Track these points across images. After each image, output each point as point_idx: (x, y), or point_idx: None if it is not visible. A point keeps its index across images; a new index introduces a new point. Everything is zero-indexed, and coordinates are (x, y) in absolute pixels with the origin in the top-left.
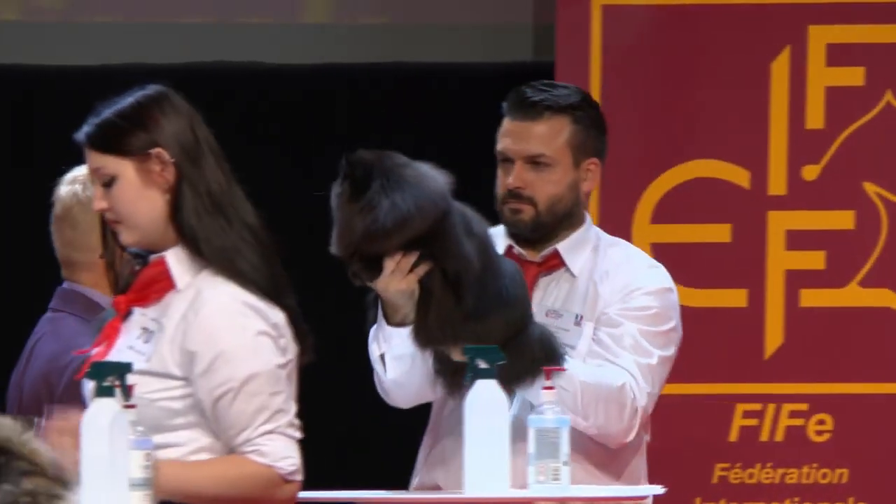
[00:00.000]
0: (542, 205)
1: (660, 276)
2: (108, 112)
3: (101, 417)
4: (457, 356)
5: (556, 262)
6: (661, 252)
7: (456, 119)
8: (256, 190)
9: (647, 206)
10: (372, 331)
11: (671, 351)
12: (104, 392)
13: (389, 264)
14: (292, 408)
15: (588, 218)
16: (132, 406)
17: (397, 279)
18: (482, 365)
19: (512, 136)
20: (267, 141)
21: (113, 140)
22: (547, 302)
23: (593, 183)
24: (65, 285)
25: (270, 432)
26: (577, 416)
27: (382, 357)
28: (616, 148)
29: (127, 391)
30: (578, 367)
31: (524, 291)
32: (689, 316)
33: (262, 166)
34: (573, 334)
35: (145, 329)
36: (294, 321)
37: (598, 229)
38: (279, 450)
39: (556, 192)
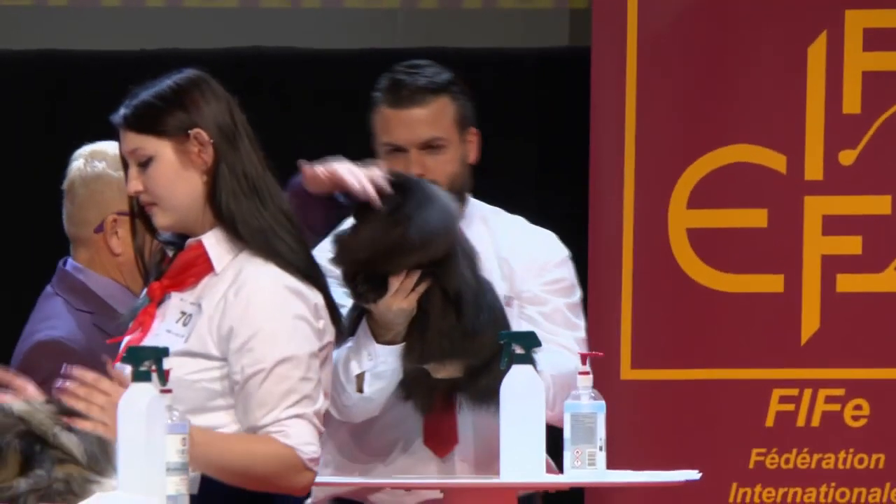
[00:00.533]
0: (444, 187)
1: (560, 245)
2: (145, 94)
3: (137, 402)
4: (441, 374)
5: None
6: (698, 237)
7: (492, 105)
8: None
9: (684, 192)
10: (346, 349)
11: (584, 320)
12: (141, 377)
13: (395, 283)
14: (321, 397)
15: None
16: (168, 391)
17: (400, 298)
18: (518, 350)
19: (401, 125)
20: (302, 127)
21: (151, 120)
22: None
23: (476, 152)
24: (66, 265)
25: (298, 416)
26: (547, 409)
27: (359, 375)
28: (652, 133)
29: (163, 376)
30: (542, 360)
31: (502, 304)
32: (726, 301)
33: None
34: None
35: (184, 313)
36: (329, 304)
37: (474, 199)
38: (304, 434)
39: (454, 170)
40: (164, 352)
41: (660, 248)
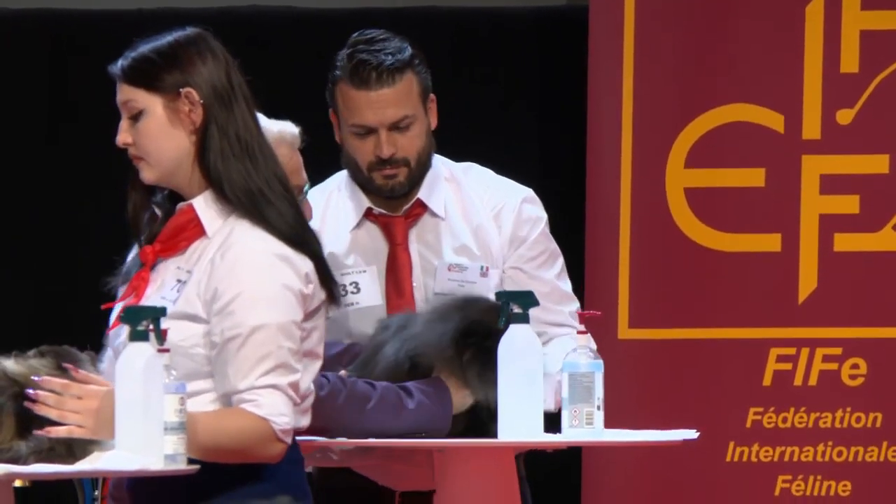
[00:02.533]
0: (413, 161)
1: (538, 206)
2: (145, 47)
3: (135, 361)
4: None
5: (419, 210)
6: (695, 197)
7: (489, 64)
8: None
9: (681, 151)
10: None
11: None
12: (138, 336)
13: None
14: (299, 369)
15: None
16: (166, 350)
17: None
18: (516, 310)
19: (370, 107)
20: (300, 87)
21: (145, 74)
22: (424, 250)
23: (436, 117)
24: None
25: (272, 387)
26: (553, 406)
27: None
28: (650, 93)
29: (161, 335)
30: (552, 364)
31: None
32: (723, 260)
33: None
34: (480, 286)
35: (179, 280)
36: (320, 268)
37: (440, 157)
38: (277, 405)
39: (422, 143)
40: (161, 311)
41: (657, 208)
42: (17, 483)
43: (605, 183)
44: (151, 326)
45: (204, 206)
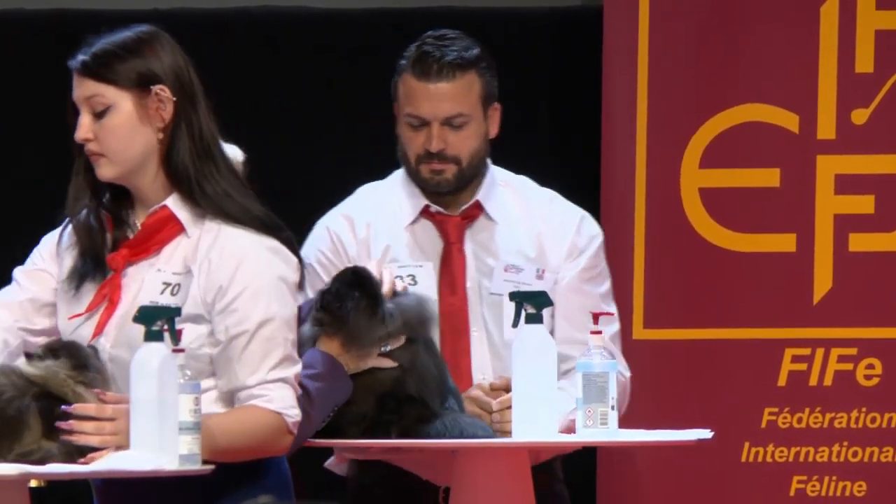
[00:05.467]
0: (464, 160)
1: (593, 226)
2: (107, 42)
3: (150, 361)
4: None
5: (476, 211)
6: (710, 197)
7: (503, 64)
8: (304, 136)
9: (696, 151)
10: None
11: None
12: (153, 336)
13: None
14: (299, 360)
15: (487, 160)
16: (181, 350)
17: None
18: (530, 310)
19: (426, 99)
20: (313, 86)
21: (113, 69)
22: (479, 250)
23: (497, 126)
24: None
25: (281, 381)
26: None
27: None
28: (665, 92)
29: (175, 335)
30: (564, 401)
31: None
32: (738, 261)
33: (308, 111)
34: (535, 288)
35: (167, 283)
36: (294, 251)
37: (496, 167)
38: (287, 398)
39: (475, 145)
40: (176, 311)
41: (672, 208)
42: (33, 483)
43: (619, 183)
44: (166, 326)
45: (178, 206)
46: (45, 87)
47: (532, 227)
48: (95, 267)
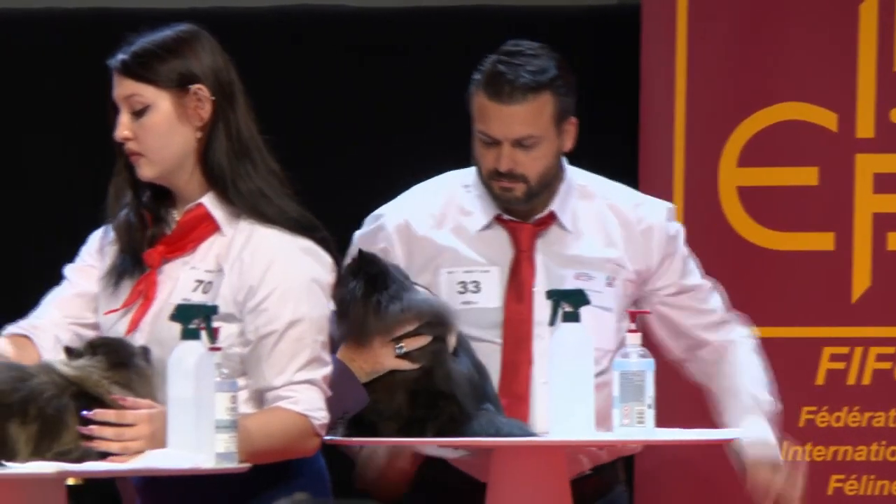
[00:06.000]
0: (533, 180)
1: (675, 223)
2: (146, 42)
3: (186, 360)
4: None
5: (548, 220)
6: (748, 195)
7: None
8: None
9: (734, 150)
10: None
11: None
12: (190, 334)
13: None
14: (329, 361)
15: (565, 165)
16: (217, 348)
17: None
18: (567, 308)
19: (496, 119)
20: (349, 85)
21: (153, 69)
22: (549, 260)
23: (572, 140)
24: None
25: (308, 382)
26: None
27: None
28: (703, 91)
29: (212, 334)
30: (753, 384)
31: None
32: (776, 259)
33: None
34: (606, 296)
35: (200, 281)
36: (330, 252)
37: (576, 170)
38: (314, 400)
39: (545, 165)
40: (213, 309)
41: (710, 207)
42: (70, 481)
43: (657, 181)
44: (203, 325)
45: (213, 205)
46: (83, 85)
47: (608, 235)
48: (134, 264)
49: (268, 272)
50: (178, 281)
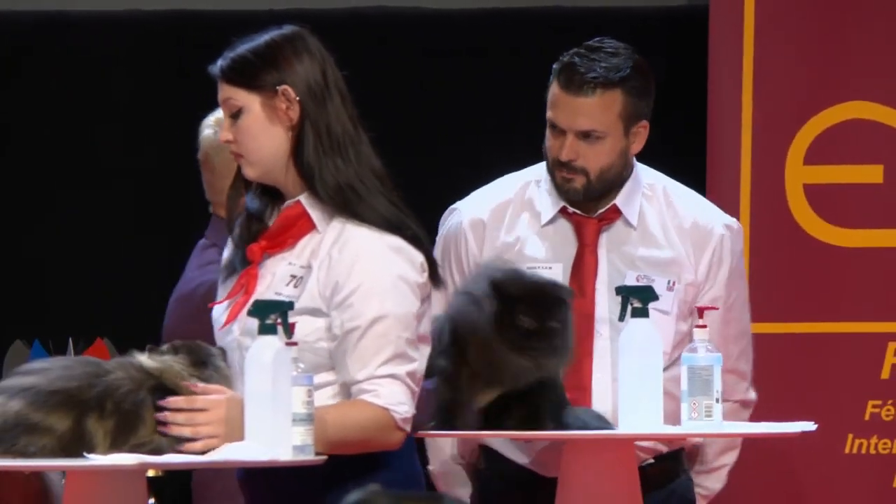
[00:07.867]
0: (593, 174)
1: (741, 237)
2: (242, 47)
3: (263, 354)
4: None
5: (613, 215)
6: (814, 193)
7: None
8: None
9: (801, 148)
10: None
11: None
12: (267, 330)
13: None
14: (416, 358)
15: (634, 163)
16: (294, 343)
17: None
18: (636, 304)
19: (564, 109)
20: (426, 87)
21: (242, 73)
22: (612, 255)
23: (642, 143)
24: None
25: (391, 376)
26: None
27: None
28: (770, 89)
29: (289, 329)
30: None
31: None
32: (842, 256)
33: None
34: (666, 299)
35: (293, 276)
36: (429, 259)
37: (646, 168)
38: (396, 394)
39: (607, 161)
40: (289, 305)
41: (777, 204)
42: (151, 473)
43: (725, 179)
44: (279, 320)
45: (310, 203)
46: (161, 86)
47: (670, 234)
48: (241, 258)
49: (354, 269)
50: (276, 275)
